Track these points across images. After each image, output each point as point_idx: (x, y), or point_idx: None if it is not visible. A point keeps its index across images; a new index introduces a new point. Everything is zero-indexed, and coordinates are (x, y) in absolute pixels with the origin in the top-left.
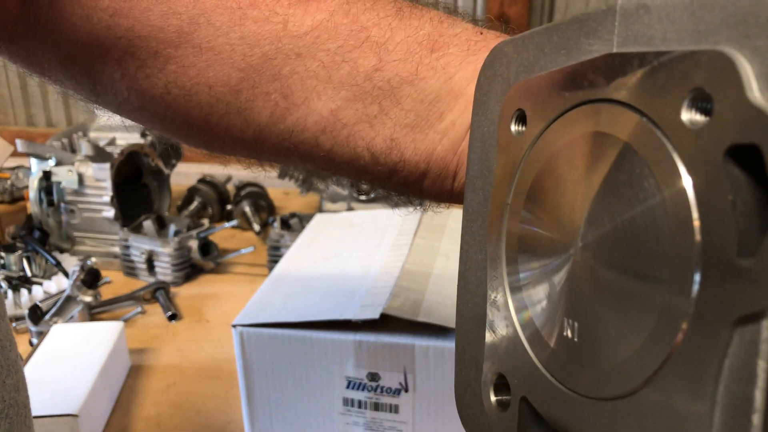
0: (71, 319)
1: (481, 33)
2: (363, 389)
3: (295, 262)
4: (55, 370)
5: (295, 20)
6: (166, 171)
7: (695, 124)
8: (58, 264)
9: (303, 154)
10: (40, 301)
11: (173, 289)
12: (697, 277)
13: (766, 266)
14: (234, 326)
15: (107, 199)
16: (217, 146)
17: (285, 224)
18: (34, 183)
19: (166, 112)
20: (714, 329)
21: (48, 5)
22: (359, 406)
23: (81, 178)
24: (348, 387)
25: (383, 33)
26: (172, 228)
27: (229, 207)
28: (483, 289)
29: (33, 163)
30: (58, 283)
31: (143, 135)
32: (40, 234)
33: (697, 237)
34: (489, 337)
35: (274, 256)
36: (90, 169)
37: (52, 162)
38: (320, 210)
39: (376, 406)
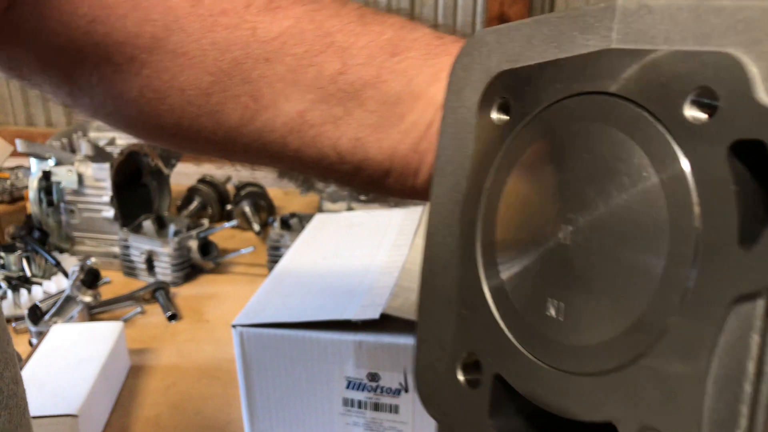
0: (71, 319)
1: (440, 38)
2: (363, 389)
3: (294, 262)
4: (54, 370)
5: (264, 27)
6: (165, 171)
7: (698, 120)
8: (58, 264)
9: (272, 154)
10: (40, 301)
11: (173, 289)
12: (696, 261)
13: (765, 252)
14: (234, 326)
15: (107, 199)
16: (190, 147)
17: (285, 224)
18: (33, 183)
19: (140, 116)
20: (711, 308)
21: (30, 12)
22: (359, 406)
23: (81, 178)
24: (348, 387)
25: (347, 38)
26: (172, 228)
27: (228, 207)
28: (450, 272)
29: (33, 163)
30: (57, 283)
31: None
32: (39, 234)
33: (698, 223)
34: (460, 317)
35: (274, 256)
36: (90, 169)
37: (51, 162)
38: (320, 210)
39: (376, 407)
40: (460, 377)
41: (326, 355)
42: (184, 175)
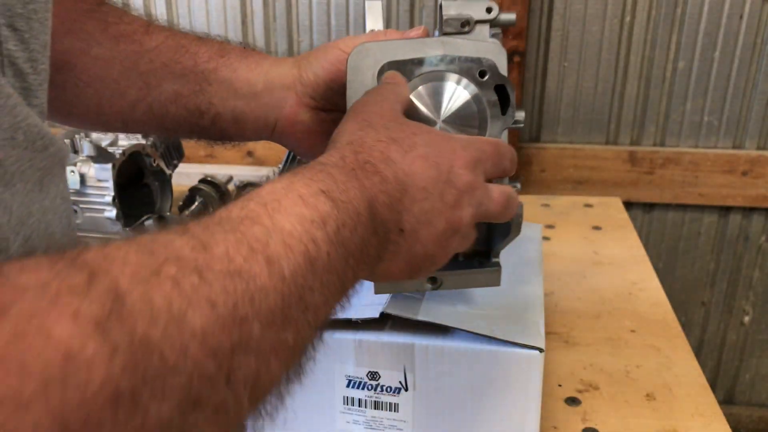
0: None
1: (246, 50)
2: (363, 388)
3: None
4: None
5: (146, 41)
6: (167, 171)
7: (482, 78)
8: None
9: (159, 118)
10: None
11: None
12: (472, 124)
13: (510, 116)
14: None
15: (109, 199)
16: (102, 121)
17: None
18: None
19: (74, 102)
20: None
21: None
22: (359, 405)
23: (83, 179)
24: (348, 385)
25: (194, 48)
26: None
27: None
28: None
29: None
30: None
31: (145, 136)
32: None
33: (486, 113)
34: None
35: None
36: (92, 170)
37: None
38: None
39: (376, 405)
40: None
41: (326, 354)
42: (185, 175)
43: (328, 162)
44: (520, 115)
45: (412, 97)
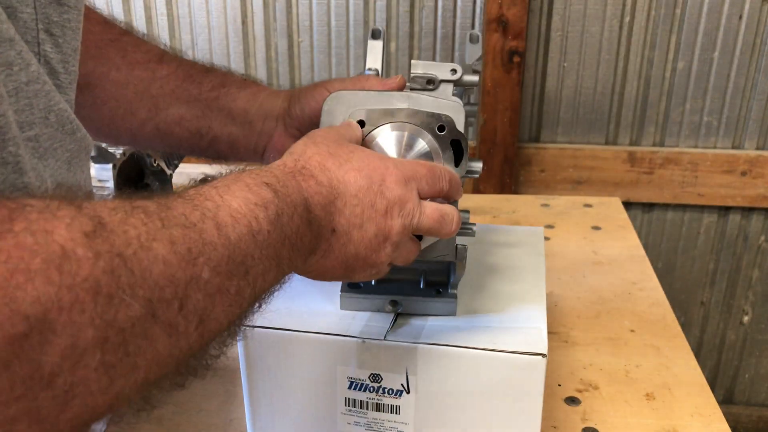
0: None
1: (246, 81)
2: (365, 390)
3: None
4: None
5: (159, 70)
6: (168, 171)
7: (441, 132)
8: None
9: (164, 137)
10: None
11: None
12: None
13: (463, 167)
14: None
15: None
16: (115, 136)
17: None
18: None
19: (95, 117)
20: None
21: None
22: (361, 407)
23: None
24: (350, 387)
25: (200, 78)
26: None
27: None
28: None
29: None
30: None
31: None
32: None
33: (442, 161)
34: None
35: None
36: (92, 170)
37: None
38: None
39: (378, 407)
40: None
41: (329, 356)
42: (185, 175)
43: (272, 166)
44: (477, 165)
45: (374, 141)
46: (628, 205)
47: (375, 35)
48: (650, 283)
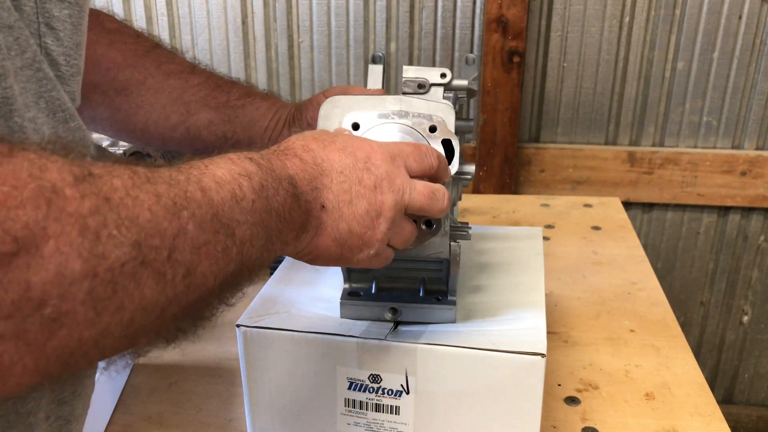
0: None
1: (266, 94)
2: (364, 390)
3: (298, 262)
4: None
5: (191, 79)
6: None
7: (432, 132)
8: None
9: (193, 140)
10: None
11: None
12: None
13: (455, 162)
14: (238, 326)
15: None
16: (146, 138)
17: None
18: None
19: (126, 121)
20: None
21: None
22: (360, 407)
23: None
24: (350, 388)
25: (226, 87)
26: None
27: None
28: None
29: None
30: None
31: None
32: None
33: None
34: None
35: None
36: None
37: None
38: None
39: (377, 408)
40: None
41: (329, 356)
42: None
43: (257, 149)
44: (470, 168)
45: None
46: (627, 205)
47: (375, 60)
48: (650, 283)
